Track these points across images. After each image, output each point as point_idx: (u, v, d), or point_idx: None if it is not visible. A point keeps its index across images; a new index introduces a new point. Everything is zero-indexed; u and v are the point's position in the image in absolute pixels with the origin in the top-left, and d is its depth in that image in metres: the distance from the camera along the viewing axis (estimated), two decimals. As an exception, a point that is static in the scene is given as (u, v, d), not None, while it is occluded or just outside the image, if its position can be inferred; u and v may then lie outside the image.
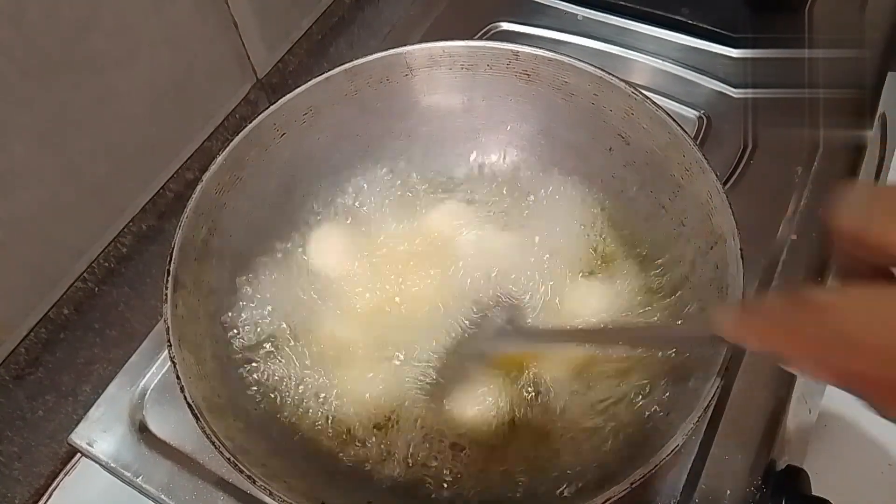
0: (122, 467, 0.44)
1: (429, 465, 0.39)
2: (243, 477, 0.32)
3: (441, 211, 0.48)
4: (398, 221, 0.48)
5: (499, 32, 0.65)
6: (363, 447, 0.40)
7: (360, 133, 0.50)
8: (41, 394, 0.48)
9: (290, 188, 0.48)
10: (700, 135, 0.57)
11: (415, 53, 0.47)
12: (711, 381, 0.33)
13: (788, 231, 0.51)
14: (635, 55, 0.62)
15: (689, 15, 0.63)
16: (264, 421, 0.40)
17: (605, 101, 0.45)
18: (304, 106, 0.46)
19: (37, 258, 0.43)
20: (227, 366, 0.40)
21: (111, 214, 0.47)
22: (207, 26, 0.49)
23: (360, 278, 0.45)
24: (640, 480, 0.31)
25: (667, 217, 0.43)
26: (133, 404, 0.47)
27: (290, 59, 0.59)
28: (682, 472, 0.42)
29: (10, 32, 0.36)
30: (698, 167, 0.40)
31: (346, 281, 0.45)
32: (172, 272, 0.38)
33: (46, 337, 0.46)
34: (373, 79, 0.47)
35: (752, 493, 0.41)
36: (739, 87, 0.59)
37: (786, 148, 0.55)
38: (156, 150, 0.49)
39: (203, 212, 0.41)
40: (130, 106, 0.45)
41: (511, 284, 0.44)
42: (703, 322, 0.32)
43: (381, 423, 0.40)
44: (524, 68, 0.47)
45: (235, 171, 0.43)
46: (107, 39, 0.42)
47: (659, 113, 0.42)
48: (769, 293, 0.47)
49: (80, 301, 0.47)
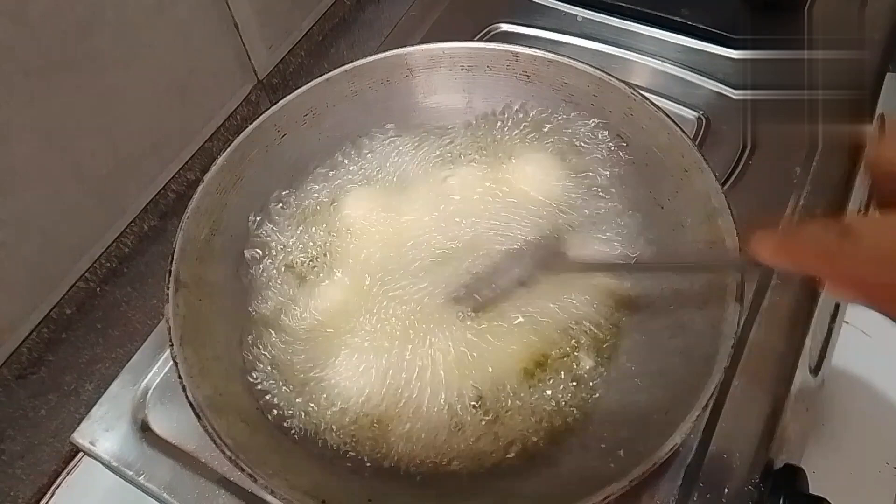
0: (125, 466, 0.44)
1: (429, 461, 0.39)
2: (245, 475, 0.32)
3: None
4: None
5: (499, 34, 0.65)
6: (364, 444, 0.40)
7: (361, 134, 0.50)
8: (44, 393, 0.48)
9: (290, 188, 0.48)
10: (699, 135, 0.57)
11: (415, 54, 0.47)
12: (711, 379, 0.33)
13: (787, 231, 0.51)
14: (635, 56, 0.62)
15: (688, 16, 0.63)
16: (265, 419, 0.40)
17: (605, 102, 0.45)
18: (305, 107, 0.46)
19: (39, 258, 0.43)
20: (228, 365, 0.40)
21: (113, 214, 0.48)
22: (209, 27, 0.49)
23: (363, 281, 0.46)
24: (640, 479, 0.31)
25: (666, 217, 0.43)
26: (135, 403, 0.47)
27: (291, 60, 0.60)
28: (681, 470, 0.42)
29: (13, 32, 0.36)
30: (697, 168, 0.40)
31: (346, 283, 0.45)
32: (174, 272, 0.38)
33: (49, 336, 0.46)
34: (373, 80, 0.48)
35: (751, 491, 0.41)
36: (738, 88, 0.59)
37: (785, 148, 0.55)
38: (157, 151, 0.49)
39: (204, 211, 0.41)
40: (132, 106, 0.45)
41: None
42: (736, 249, 0.35)
43: (382, 419, 0.40)
44: (524, 69, 0.47)
45: (237, 171, 0.44)
46: (109, 40, 0.42)
47: (658, 114, 0.42)
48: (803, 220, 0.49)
49: (83, 300, 0.48)
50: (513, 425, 0.40)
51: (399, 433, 0.40)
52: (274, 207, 0.48)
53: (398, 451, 0.39)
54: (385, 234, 0.47)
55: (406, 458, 0.39)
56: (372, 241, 0.47)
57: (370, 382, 0.41)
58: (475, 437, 0.40)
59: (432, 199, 0.48)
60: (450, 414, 0.40)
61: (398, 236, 0.47)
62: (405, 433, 0.40)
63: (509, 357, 0.42)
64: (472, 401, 0.40)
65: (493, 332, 0.42)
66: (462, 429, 0.40)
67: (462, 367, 0.41)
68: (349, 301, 0.44)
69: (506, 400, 0.41)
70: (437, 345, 0.42)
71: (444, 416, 0.40)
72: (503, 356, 0.42)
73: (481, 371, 0.41)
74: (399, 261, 0.45)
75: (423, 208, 0.47)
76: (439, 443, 0.40)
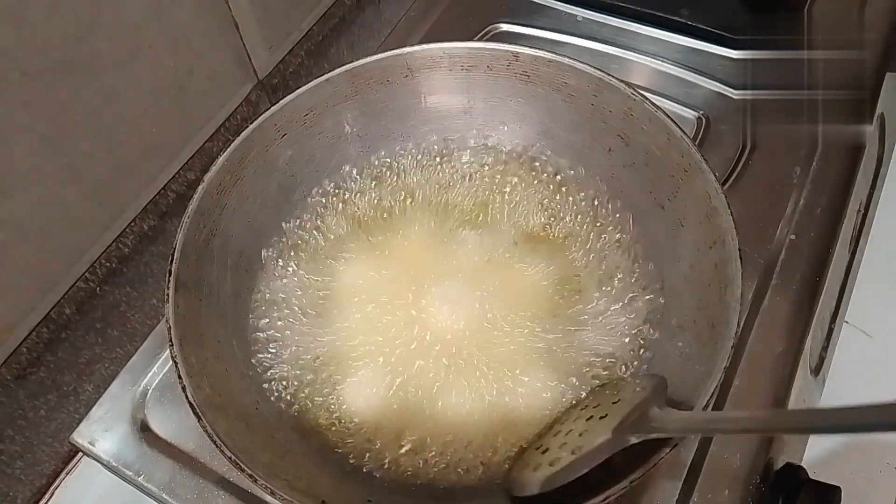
0: (124, 466, 0.44)
1: (430, 462, 0.39)
2: (244, 476, 0.32)
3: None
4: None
5: (498, 34, 0.65)
6: (364, 445, 0.40)
7: (361, 134, 0.50)
8: (43, 393, 0.48)
9: (290, 189, 0.48)
10: (699, 135, 0.57)
11: (415, 55, 0.47)
12: (711, 379, 0.33)
13: (787, 231, 0.51)
14: (635, 56, 0.62)
15: (688, 16, 0.63)
16: (265, 420, 0.40)
17: (605, 102, 0.45)
18: (305, 107, 0.46)
19: (38, 258, 0.43)
20: (228, 365, 0.40)
21: (112, 214, 0.48)
22: (208, 27, 0.49)
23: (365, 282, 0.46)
24: (639, 479, 0.31)
25: (666, 217, 0.43)
26: (135, 404, 0.47)
27: (291, 60, 0.60)
28: (681, 470, 0.42)
29: (11, 33, 0.36)
30: (697, 168, 0.40)
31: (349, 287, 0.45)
32: (174, 272, 0.38)
33: (48, 336, 0.46)
34: (373, 80, 0.48)
35: (751, 491, 0.41)
36: (738, 88, 0.60)
37: (785, 148, 0.56)
38: (157, 151, 0.49)
39: (204, 212, 0.41)
40: (131, 106, 0.45)
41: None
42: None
43: (383, 421, 0.40)
44: (524, 69, 0.47)
45: (237, 171, 0.44)
46: (108, 40, 0.42)
47: (658, 114, 0.42)
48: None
49: (82, 301, 0.48)
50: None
51: (401, 435, 0.40)
52: (274, 207, 0.48)
53: (398, 452, 0.39)
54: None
55: (406, 458, 0.39)
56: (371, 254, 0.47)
57: (374, 386, 0.41)
58: (480, 443, 0.40)
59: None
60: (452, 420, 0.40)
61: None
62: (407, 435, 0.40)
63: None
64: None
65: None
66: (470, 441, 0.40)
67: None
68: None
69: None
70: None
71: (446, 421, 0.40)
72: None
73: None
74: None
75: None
76: (440, 444, 0.40)
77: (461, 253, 0.46)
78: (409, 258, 0.46)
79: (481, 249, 0.46)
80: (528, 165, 0.50)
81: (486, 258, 0.46)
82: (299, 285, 0.45)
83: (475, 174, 0.50)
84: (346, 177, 0.50)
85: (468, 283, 0.44)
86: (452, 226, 0.48)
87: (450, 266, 0.45)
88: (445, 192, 0.49)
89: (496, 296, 0.44)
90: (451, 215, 0.48)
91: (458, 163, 0.51)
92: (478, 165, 0.50)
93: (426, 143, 0.51)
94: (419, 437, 0.40)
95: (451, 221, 0.48)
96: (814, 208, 0.53)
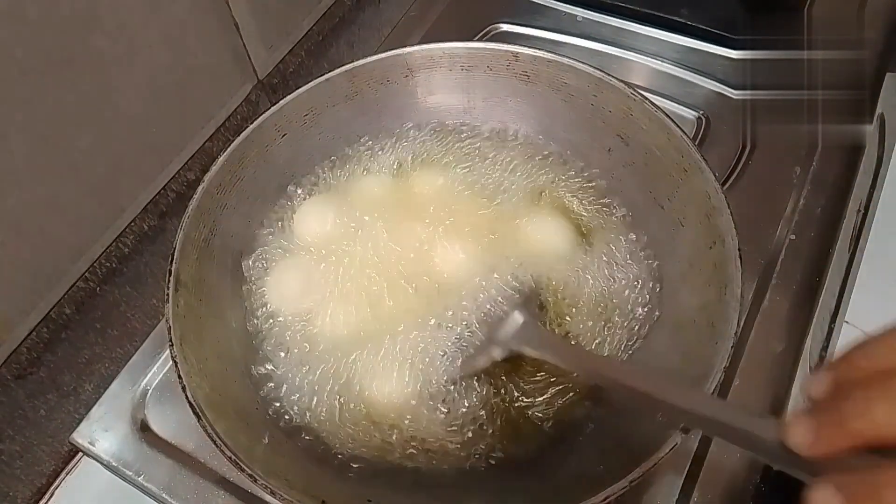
0: (124, 466, 0.44)
1: (429, 461, 0.39)
2: (244, 475, 0.32)
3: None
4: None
5: (498, 34, 0.65)
6: (363, 445, 0.40)
7: (361, 134, 0.50)
8: (43, 393, 0.48)
9: (290, 189, 0.48)
10: (699, 135, 0.57)
11: (415, 55, 0.47)
12: (710, 379, 0.33)
13: (787, 231, 0.51)
14: (634, 56, 0.62)
15: (687, 16, 0.63)
16: (265, 419, 0.40)
17: (605, 102, 0.45)
18: (305, 107, 0.46)
19: (38, 258, 0.43)
20: (228, 365, 0.40)
21: (112, 214, 0.48)
22: (208, 26, 0.49)
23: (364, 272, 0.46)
24: (639, 478, 0.31)
25: (665, 217, 0.43)
26: (134, 403, 0.47)
27: (291, 60, 0.60)
28: (681, 470, 0.42)
29: (10, 31, 0.36)
30: (697, 167, 0.40)
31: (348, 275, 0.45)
32: (174, 271, 0.38)
33: (48, 336, 0.46)
34: (373, 80, 0.48)
35: (751, 491, 0.41)
36: (738, 88, 0.60)
37: (784, 148, 0.56)
38: (157, 150, 0.49)
39: (204, 211, 0.41)
40: (130, 105, 0.45)
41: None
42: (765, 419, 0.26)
43: (382, 420, 0.40)
44: (524, 69, 0.47)
45: (237, 171, 0.44)
46: (107, 39, 0.42)
47: (658, 114, 0.42)
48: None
49: (82, 300, 0.48)
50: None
51: (399, 434, 0.40)
52: (274, 207, 0.48)
53: (398, 452, 0.39)
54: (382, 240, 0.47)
55: (406, 458, 0.39)
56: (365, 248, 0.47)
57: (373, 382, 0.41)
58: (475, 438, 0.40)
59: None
60: (449, 417, 0.40)
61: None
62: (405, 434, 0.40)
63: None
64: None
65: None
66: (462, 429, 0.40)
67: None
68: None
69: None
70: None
71: (443, 417, 0.40)
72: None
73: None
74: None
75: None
76: (439, 442, 0.40)
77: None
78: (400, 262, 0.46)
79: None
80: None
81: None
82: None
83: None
84: (346, 177, 0.50)
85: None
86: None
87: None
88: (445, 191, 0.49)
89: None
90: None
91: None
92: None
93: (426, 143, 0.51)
94: (417, 433, 0.40)
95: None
96: (814, 208, 0.53)
